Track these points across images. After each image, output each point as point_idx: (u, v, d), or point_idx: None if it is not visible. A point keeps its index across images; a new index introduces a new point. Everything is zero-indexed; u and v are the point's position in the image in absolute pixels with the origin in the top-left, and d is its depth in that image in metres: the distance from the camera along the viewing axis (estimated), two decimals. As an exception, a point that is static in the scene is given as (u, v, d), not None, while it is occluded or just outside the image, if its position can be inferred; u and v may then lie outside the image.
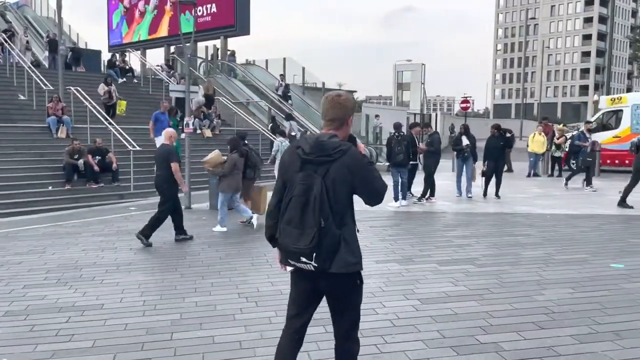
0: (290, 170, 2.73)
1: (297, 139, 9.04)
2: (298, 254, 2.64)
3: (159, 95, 20.44)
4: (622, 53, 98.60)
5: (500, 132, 12.12)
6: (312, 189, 2.61)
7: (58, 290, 5.41)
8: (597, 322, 4.37)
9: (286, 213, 2.66)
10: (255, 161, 9.12)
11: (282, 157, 2.87)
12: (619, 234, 7.99)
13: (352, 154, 2.69)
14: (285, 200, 2.69)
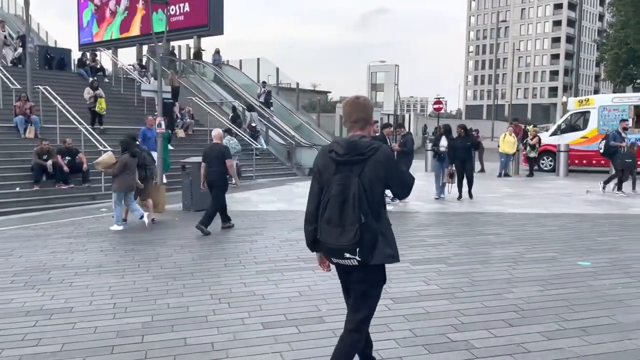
0: (325, 173, 2.90)
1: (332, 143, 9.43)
2: (341, 250, 2.81)
3: (130, 94, 20.15)
4: (590, 56, 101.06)
5: (467, 132, 12.06)
6: (349, 187, 2.78)
7: (25, 294, 5.29)
8: (565, 319, 4.47)
9: (325, 213, 2.83)
10: (145, 161, 9.38)
11: (316, 162, 3.03)
12: (586, 233, 8.19)
13: (384, 151, 2.91)
14: (323, 201, 2.86)
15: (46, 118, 15.09)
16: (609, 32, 40.79)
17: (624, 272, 5.94)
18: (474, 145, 13.02)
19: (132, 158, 8.84)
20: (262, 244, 7.52)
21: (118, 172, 8.74)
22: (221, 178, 8.59)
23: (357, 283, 2.95)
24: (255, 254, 6.86)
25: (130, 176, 8.83)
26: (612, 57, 37.48)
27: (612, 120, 17.96)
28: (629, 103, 18.23)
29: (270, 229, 8.65)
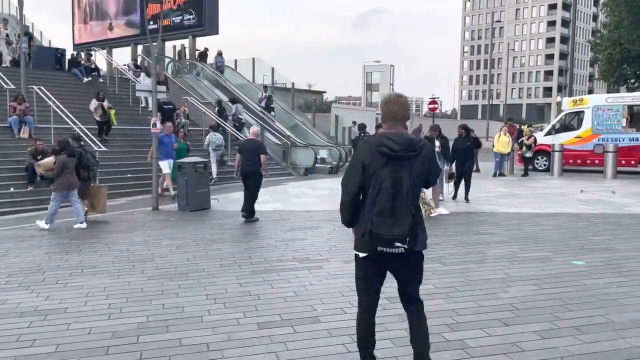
0: (372, 166, 3.03)
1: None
2: (393, 240, 3.00)
3: (125, 94, 20.09)
4: (584, 56, 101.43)
5: (468, 132, 11.82)
6: (401, 182, 2.99)
7: (20, 295, 5.27)
8: (559, 318, 4.49)
9: (376, 205, 2.98)
10: (88, 162, 9.47)
11: (360, 156, 3.12)
12: (580, 232, 8.22)
13: (428, 147, 3.16)
14: (372, 193, 3.00)
15: (40, 118, 15.02)
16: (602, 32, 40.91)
17: (618, 271, 5.97)
18: (476, 145, 12.71)
19: (69, 158, 8.96)
20: (258, 244, 7.52)
21: (58, 173, 8.93)
22: (257, 170, 9.43)
23: (402, 268, 3.26)
24: (250, 254, 6.85)
25: (71, 175, 8.97)
26: (606, 57, 37.62)
27: (606, 120, 18.06)
28: (623, 103, 18.32)
29: (266, 229, 8.65)
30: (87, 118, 15.91)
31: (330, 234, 8.15)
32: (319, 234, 8.19)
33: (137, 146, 15.92)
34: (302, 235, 8.13)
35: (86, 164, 9.34)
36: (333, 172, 18.44)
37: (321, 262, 6.42)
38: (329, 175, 18.02)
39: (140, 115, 18.57)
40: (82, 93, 19.47)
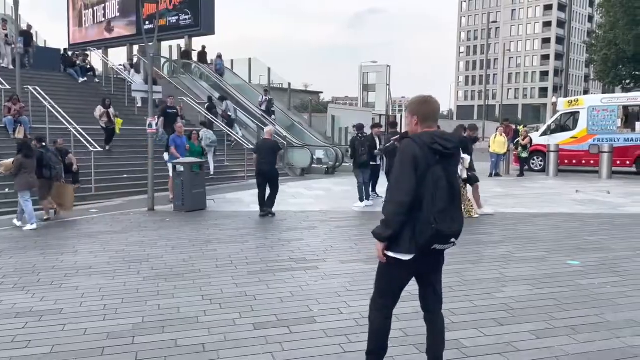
0: (423, 164, 3.00)
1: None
2: (451, 236, 3.07)
3: (121, 95, 20.04)
4: (580, 57, 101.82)
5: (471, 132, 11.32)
6: (452, 179, 3.06)
7: (15, 295, 5.25)
8: (554, 318, 4.50)
9: (438, 203, 2.98)
10: (50, 162, 9.77)
11: (413, 153, 3.02)
12: (575, 232, 8.25)
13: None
14: (428, 193, 2.98)
15: (36, 118, 14.97)
16: (598, 33, 41.10)
17: (613, 271, 5.99)
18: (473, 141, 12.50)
19: (25, 159, 9.20)
20: (254, 244, 7.52)
21: (15, 172, 9.19)
22: (274, 168, 10.10)
23: (437, 265, 3.30)
24: (246, 255, 6.85)
25: (29, 175, 9.25)
26: (602, 58, 37.79)
27: (601, 121, 18.13)
28: (618, 103, 18.39)
29: (262, 230, 8.65)
30: (82, 118, 15.87)
31: (327, 235, 8.16)
32: (315, 234, 8.19)
33: (133, 147, 15.89)
34: (299, 236, 8.13)
35: (47, 163, 9.65)
36: (329, 173, 18.45)
37: (317, 262, 6.42)
38: (326, 175, 18.03)
39: (136, 116, 18.53)
40: (77, 93, 19.43)
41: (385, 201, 3.11)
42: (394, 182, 3.09)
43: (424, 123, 3.18)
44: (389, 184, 3.16)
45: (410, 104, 3.28)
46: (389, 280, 3.26)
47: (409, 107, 3.28)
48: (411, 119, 3.22)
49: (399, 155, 3.10)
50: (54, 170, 9.88)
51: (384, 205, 3.10)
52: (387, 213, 3.07)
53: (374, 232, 3.14)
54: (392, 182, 3.11)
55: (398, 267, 3.16)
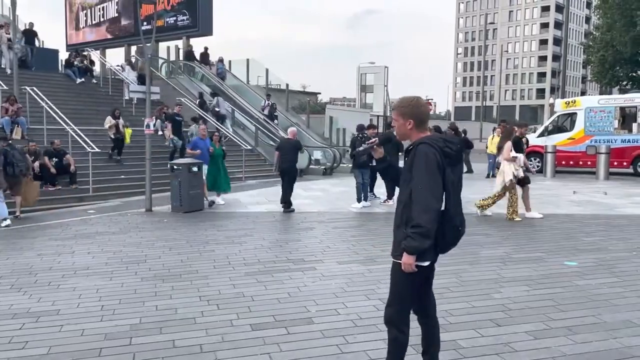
0: (442, 169, 2.98)
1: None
2: (460, 238, 3.14)
3: (118, 95, 20.03)
4: (577, 58, 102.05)
5: (457, 133, 11.26)
6: (460, 181, 3.13)
7: (12, 296, 5.24)
8: (552, 319, 4.51)
9: (456, 207, 3.05)
10: (14, 159, 10.04)
11: (435, 157, 2.94)
12: (573, 233, 8.27)
13: None
14: (447, 195, 3.00)
15: (33, 119, 14.95)
16: (595, 34, 41.19)
17: (610, 272, 6.01)
18: (466, 145, 12.32)
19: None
20: (252, 245, 7.51)
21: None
22: (294, 167, 10.83)
23: (434, 269, 3.29)
24: (244, 256, 6.85)
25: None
26: (599, 59, 37.87)
27: (598, 122, 18.17)
28: (615, 104, 18.45)
29: (260, 231, 8.64)
30: (79, 119, 15.88)
31: (324, 235, 8.16)
32: (312, 235, 8.19)
33: (131, 147, 15.87)
34: (296, 237, 8.13)
35: (11, 160, 10.02)
36: (327, 174, 18.45)
37: (315, 263, 6.42)
38: (323, 176, 18.03)
39: (133, 116, 18.51)
40: (75, 94, 19.41)
41: (420, 210, 2.88)
42: (426, 190, 2.90)
43: (420, 127, 3.10)
44: (417, 192, 2.92)
45: (402, 106, 3.11)
46: (410, 288, 3.12)
47: (400, 110, 3.11)
48: (404, 122, 3.09)
49: (424, 162, 2.93)
50: (17, 168, 10.14)
51: (419, 215, 2.87)
52: (426, 222, 2.86)
53: (410, 247, 2.89)
54: (422, 189, 2.90)
55: (419, 275, 3.05)
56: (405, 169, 3.09)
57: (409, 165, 3.03)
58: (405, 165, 3.10)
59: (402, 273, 3.02)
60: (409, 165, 3.03)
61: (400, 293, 3.14)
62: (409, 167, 3.02)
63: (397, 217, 3.11)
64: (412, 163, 2.99)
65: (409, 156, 3.06)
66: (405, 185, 3.06)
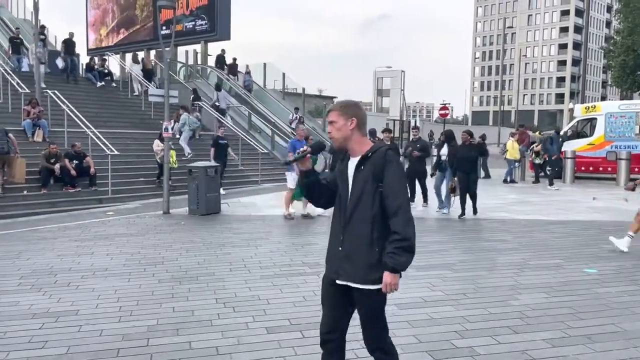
0: None
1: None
2: None
3: (137, 99, 20.27)
4: (597, 62, 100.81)
5: (472, 139, 10.64)
6: None
7: (32, 296, 5.32)
8: (570, 327, 4.46)
9: None
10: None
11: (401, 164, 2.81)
12: (592, 240, 8.15)
13: None
14: None
15: (54, 122, 15.20)
16: (616, 39, 40.68)
17: (630, 279, 5.92)
18: (482, 153, 11.78)
19: None
20: (267, 248, 7.54)
21: None
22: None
23: None
24: (260, 259, 6.87)
25: None
26: (619, 63, 37.38)
27: (618, 127, 17.91)
28: (636, 110, 18.16)
29: (276, 234, 8.67)
30: (99, 122, 16.11)
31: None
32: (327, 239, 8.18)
33: (149, 150, 16.03)
34: (312, 240, 8.14)
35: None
36: (343, 178, 18.42)
37: (330, 267, 6.42)
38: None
39: (151, 120, 18.73)
40: (95, 97, 19.69)
41: (404, 223, 2.67)
42: (406, 200, 2.72)
43: (362, 129, 2.85)
44: (397, 202, 2.69)
45: (344, 106, 2.87)
46: (384, 310, 2.92)
47: (342, 110, 2.84)
48: (345, 121, 2.80)
49: (399, 170, 2.73)
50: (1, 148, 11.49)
51: (404, 228, 2.66)
52: (412, 236, 2.69)
53: (399, 264, 2.67)
54: (403, 199, 2.70)
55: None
56: (365, 178, 2.74)
57: (371, 174, 2.72)
58: (363, 174, 2.75)
59: (380, 296, 2.77)
60: (371, 173, 2.72)
61: (379, 318, 2.90)
62: (373, 176, 2.71)
63: (360, 235, 2.74)
64: (380, 171, 2.70)
65: (366, 164, 2.75)
66: (369, 196, 2.72)
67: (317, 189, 2.96)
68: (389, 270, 2.66)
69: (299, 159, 2.87)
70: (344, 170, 2.86)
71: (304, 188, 3.00)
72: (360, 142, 2.83)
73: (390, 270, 2.67)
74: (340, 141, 2.85)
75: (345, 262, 2.79)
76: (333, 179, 2.95)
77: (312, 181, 2.93)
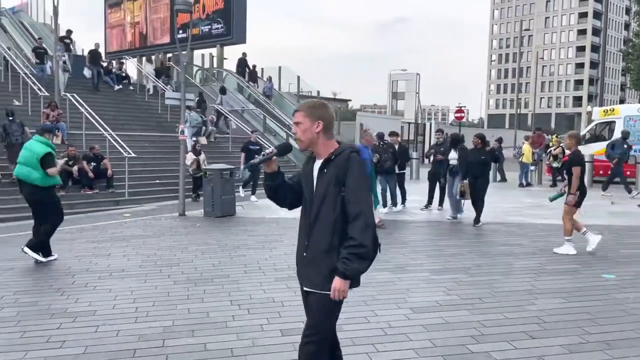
0: None
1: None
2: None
3: (154, 102, 20.47)
4: (615, 65, 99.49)
5: (484, 143, 10.13)
6: None
7: (50, 297, 5.40)
8: (588, 332, 4.40)
9: None
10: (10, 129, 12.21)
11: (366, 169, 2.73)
12: (610, 245, 8.04)
13: None
14: None
15: (73, 125, 15.40)
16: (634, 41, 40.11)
17: (650, 285, 5.82)
18: (494, 159, 11.19)
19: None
20: (282, 250, 7.56)
21: None
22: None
23: None
24: (274, 261, 6.89)
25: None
26: (638, 66, 36.86)
27: (638, 131, 17.65)
28: (656, 113, 17.89)
29: (290, 236, 8.68)
30: (116, 124, 16.30)
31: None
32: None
33: (165, 152, 16.19)
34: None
35: (9, 131, 12.20)
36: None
37: (345, 270, 6.41)
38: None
39: (168, 123, 18.90)
40: (113, 100, 19.93)
41: (362, 228, 2.56)
42: (367, 205, 2.62)
43: (328, 132, 2.73)
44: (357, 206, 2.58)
45: (310, 107, 2.74)
46: (335, 320, 2.82)
47: (308, 111, 2.71)
48: (312, 124, 2.68)
49: (362, 173, 2.63)
50: (13, 137, 12.15)
51: (361, 233, 2.56)
52: (370, 241, 2.60)
53: (352, 270, 2.57)
54: (364, 203, 2.60)
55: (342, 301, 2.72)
56: (328, 181, 2.64)
57: (334, 177, 2.62)
58: (326, 177, 2.65)
59: (331, 303, 2.66)
60: (334, 177, 2.62)
61: (324, 325, 2.76)
62: (335, 179, 2.61)
63: (322, 240, 2.65)
64: (343, 174, 2.60)
65: (329, 167, 2.65)
66: (331, 201, 2.61)
67: (282, 191, 2.85)
68: (339, 275, 2.57)
69: (264, 161, 2.74)
70: (309, 172, 2.76)
71: (267, 190, 2.86)
72: (326, 145, 2.72)
73: (340, 276, 2.56)
74: (306, 144, 2.73)
75: (309, 268, 2.72)
76: (298, 180, 2.85)
77: (277, 183, 2.81)
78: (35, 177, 6.64)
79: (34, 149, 6.72)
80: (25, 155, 6.74)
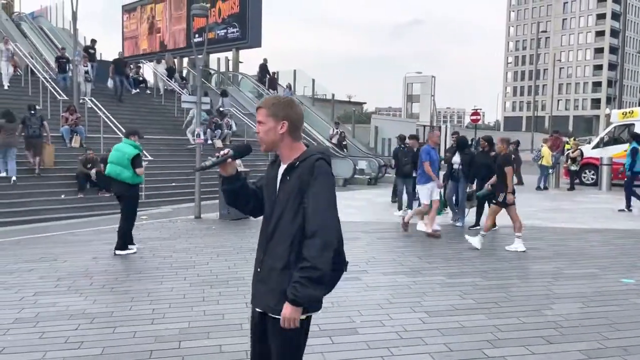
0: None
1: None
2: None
3: (170, 105, 20.65)
4: (635, 67, 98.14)
5: (491, 146, 9.55)
6: None
7: (69, 298, 5.47)
8: (606, 338, 4.34)
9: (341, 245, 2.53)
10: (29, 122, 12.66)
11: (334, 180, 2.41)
12: (629, 249, 7.93)
13: None
14: None
15: (91, 128, 15.60)
16: (655, 42, 39.57)
17: (670, 290, 5.73)
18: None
19: (8, 123, 12.12)
20: (297, 254, 7.55)
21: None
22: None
23: None
24: (290, 264, 6.89)
25: (9, 136, 12.02)
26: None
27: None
28: (676, 115, 17.60)
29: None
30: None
31: (369, 245, 8.13)
32: (357, 245, 8.17)
33: (182, 155, 16.32)
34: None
35: (28, 124, 12.61)
36: (372, 183, 18.41)
37: (360, 273, 6.40)
38: (368, 186, 17.99)
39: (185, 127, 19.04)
40: (130, 104, 20.14)
41: (319, 247, 2.22)
42: (327, 218, 2.27)
43: (295, 133, 2.41)
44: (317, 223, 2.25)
45: (274, 104, 2.41)
46: (301, 347, 2.45)
47: (271, 109, 2.39)
48: (275, 124, 2.37)
49: (327, 185, 2.30)
50: (31, 130, 12.62)
51: (318, 254, 2.22)
52: (325, 264, 2.24)
53: (302, 296, 2.23)
54: (325, 220, 2.26)
55: (306, 328, 2.43)
56: (290, 190, 2.32)
57: (296, 187, 2.30)
58: (288, 185, 2.34)
59: (292, 331, 2.31)
60: (296, 186, 2.30)
61: (291, 356, 2.42)
62: (298, 189, 2.30)
63: (278, 255, 2.33)
64: (306, 184, 2.29)
65: (292, 174, 2.33)
66: (291, 212, 2.31)
67: (243, 196, 2.56)
68: (289, 302, 2.24)
69: (218, 163, 2.46)
70: (273, 177, 2.45)
71: (225, 195, 2.57)
72: (291, 148, 2.40)
73: (291, 303, 2.23)
74: (268, 144, 2.42)
75: (262, 286, 2.39)
76: (261, 185, 2.57)
77: (236, 188, 2.51)
78: (126, 176, 7.43)
79: (125, 150, 7.46)
80: (117, 156, 7.46)
